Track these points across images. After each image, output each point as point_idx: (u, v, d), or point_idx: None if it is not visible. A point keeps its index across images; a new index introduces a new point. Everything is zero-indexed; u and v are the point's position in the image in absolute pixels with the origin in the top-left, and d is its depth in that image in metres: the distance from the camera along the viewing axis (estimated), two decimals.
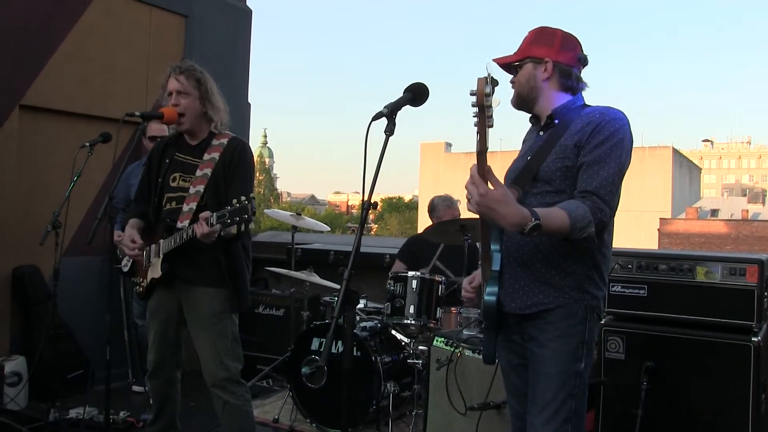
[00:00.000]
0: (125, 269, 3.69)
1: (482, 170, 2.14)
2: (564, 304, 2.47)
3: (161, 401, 3.62)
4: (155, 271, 3.47)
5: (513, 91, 2.67)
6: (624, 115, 2.50)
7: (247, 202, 3.04)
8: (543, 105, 2.63)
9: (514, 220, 2.16)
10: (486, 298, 2.45)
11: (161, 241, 3.43)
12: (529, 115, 2.74)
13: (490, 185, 2.14)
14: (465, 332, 3.86)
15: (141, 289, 3.59)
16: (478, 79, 2.01)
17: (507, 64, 2.68)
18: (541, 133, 2.62)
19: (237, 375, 3.49)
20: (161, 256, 3.42)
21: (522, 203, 2.34)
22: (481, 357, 3.55)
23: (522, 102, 2.67)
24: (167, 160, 3.55)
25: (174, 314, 3.53)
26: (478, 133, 2.08)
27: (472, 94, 2.02)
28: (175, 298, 3.51)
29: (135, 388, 5.45)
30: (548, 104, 2.62)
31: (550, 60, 2.60)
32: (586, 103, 2.64)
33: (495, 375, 3.42)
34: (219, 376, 3.42)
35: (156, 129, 4.98)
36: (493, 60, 2.65)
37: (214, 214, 3.09)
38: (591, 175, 2.38)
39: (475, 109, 2.04)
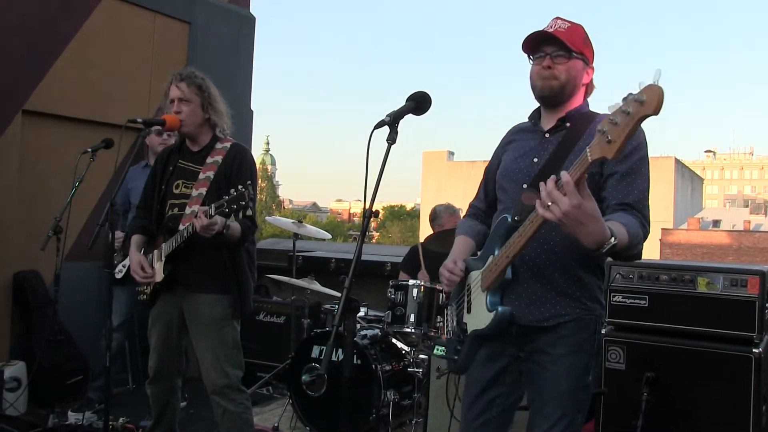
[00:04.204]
0: (119, 275, 3.67)
1: (580, 178, 1.98)
2: (579, 317, 2.42)
3: (161, 407, 3.62)
4: (158, 275, 3.47)
5: (551, 73, 2.45)
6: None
7: (243, 189, 3.02)
8: (568, 106, 2.51)
9: (598, 237, 2.02)
10: (501, 308, 2.37)
11: (163, 245, 3.45)
12: (533, 115, 2.62)
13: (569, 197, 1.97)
14: None
15: (145, 296, 3.59)
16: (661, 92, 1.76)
17: (560, 43, 2.43)
18: (548, 135, 2.52)
19: (237, 382, 3.48)
20: (163, 259, 3.43)
21: None
22: None
23: (560, 93, 2.47)
24: (171, 168, 3.57)
25: (176, 320, 3.53)
26: (612, 141, 1.86)
27: (655, 113, 1.77)
28: (177, 304, 3.51)
29: (143, 423, 5.31)
30: (570, 108, 2.51)
31: (592, 68, 2.55)
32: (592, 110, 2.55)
33: None
34: (219, 383, 3.42)
35: (156, 141, 4.92)
36: (554, 31, 2.44)
37: (213, 204, 3.08)
38: (626, 186, 2.31)
39: (626, 119, 1.81)
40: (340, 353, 4.29)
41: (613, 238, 2.04)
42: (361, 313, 5.03)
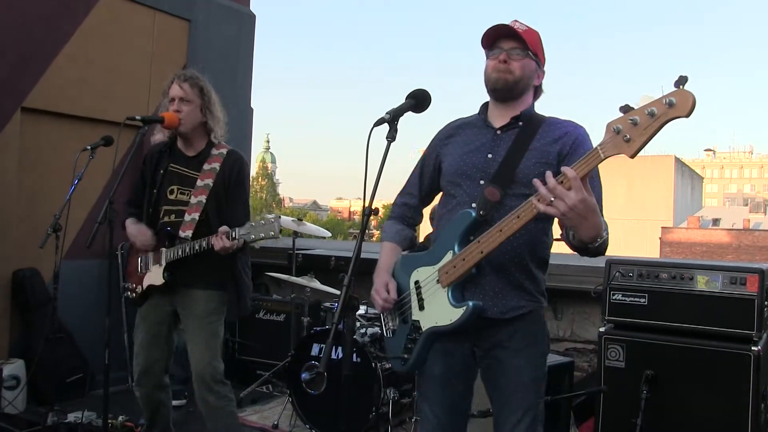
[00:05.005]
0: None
1: (586, 175, 2.09)
2: (532, 309, 2.51)
3: (153, 407, 3.64)
4: (155, 279, 3.50)
5: (507, 68, 2.51)
6: None
7: (273, 220, 3.10)
8: (519, 105, 2.58)
9: (597, 230, 2.12)
10: (472, 303, 2.40)
11: (163, 249, 3.47)
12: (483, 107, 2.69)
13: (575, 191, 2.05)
14: None
15: (134, 295, 3.60)
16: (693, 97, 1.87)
17: (519, 40, 2.51)
18: (500, 132, 2.57)
19: (221, 375, 3.54)
20: (163, 264, 3.45)
21: (502, 204, 2.39)
22: None
23: (513, 88, 2.53)
24: (161, 171, 3.57)
25: (167, 318, 3.57)
26: (631, 140, 1.96)
27: (687, 115, 1.90)
28: (171, 302, 3.55)
29: (142, 421, 5.41)
30: (521, 107, 2.58)
31: (543, 72, 2.64)
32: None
33: None
34: (207, 375, 3.47)
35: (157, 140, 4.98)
36: (516, 25, 2.52)
37: (237, 229, 3.15)
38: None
39: (650, 120, 1.92)
40: (340, 351, 4.29)
41: (605, 232, 2.15)
42: (361, 311, 5.02)
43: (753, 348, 3.41)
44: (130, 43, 5.79)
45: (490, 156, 2.53)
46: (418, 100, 2.48)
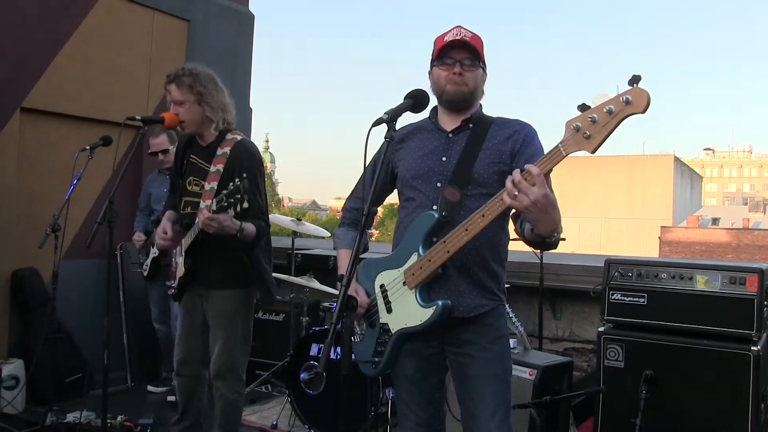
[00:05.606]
0: (145, 273, 3.76)
1: (549, 171, 2.17)
2: (495, 306, 2.58)
3: (187, 398, 3.68)
4: (180, 271, 3.58)
5: (462, 80, 2.57)
6: None
7: (239, 182, 3.05)
8: (469, 109, 2.64)
9: (555, 225, 2.21)
10: (441, 302, 2.44)
11: (182, 240, 3.55)
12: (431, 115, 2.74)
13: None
14: None
15: (174, 290, 3.68)
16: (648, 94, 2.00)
17: (471, 50, 2.56)
18: (451, 135, 2.62)
19: (240, 372, 3.62)
20: (183, 254, 3.53)
21: (462, 205, 2.44)
22: None
23: (469, 98, 2.61)
24: (185, 162, 3.63)
25: (200, 310, 3.62)
26: (591, 136, 2.07)
27: (643, 112, 2.01)
28: (201, 295, 3.60)
29: (150, 388, 5.57)
30: (471, 110, 2.65)
31: (486, 75, 2.70)
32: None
33: None
34: (223, 370, 3.54)
35: (156, 143, 5.18)
36: (463, 33, 2.57)
37: (213, 199, 3.13)
38: None
39: (609, 118, 2.03)
40: (339, 351, 4.28)
41: (560, 226, 2.24)
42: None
43: (752, 348, 3.41)
44: (129, 43, 5.79)
45: (444, 159, 2.59)
46: (417, 100, 2.48)
